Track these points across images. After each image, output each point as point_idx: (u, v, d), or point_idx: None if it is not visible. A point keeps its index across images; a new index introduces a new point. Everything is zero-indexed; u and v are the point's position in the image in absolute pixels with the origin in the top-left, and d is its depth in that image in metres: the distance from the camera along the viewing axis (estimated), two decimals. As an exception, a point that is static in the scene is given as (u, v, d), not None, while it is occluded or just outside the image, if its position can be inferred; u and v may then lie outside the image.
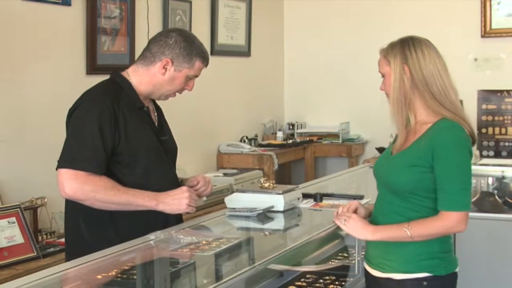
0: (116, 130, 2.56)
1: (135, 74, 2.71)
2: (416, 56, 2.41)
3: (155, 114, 2.81)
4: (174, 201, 2.57)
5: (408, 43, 2.45)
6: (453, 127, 2.37)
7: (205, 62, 2.73)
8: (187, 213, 2.57)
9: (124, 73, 2.73)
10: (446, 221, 2.32)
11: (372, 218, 2.55)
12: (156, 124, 2.78)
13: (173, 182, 2.75)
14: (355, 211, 2.57)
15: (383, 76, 2.50)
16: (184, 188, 2.65)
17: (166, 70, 2.67)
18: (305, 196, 3.17)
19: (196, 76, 2.74)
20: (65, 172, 2.51)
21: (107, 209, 2.55)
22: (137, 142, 2.62)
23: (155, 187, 2.64)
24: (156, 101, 2.88)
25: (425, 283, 2.40)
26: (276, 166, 5.74)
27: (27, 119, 3.99)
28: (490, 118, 6.27)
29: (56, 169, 2.54)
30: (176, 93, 2.78)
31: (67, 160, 2.53)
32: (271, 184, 3.00)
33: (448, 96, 2.41)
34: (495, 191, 4.16)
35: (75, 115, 2.60)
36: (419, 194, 2.39)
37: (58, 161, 2.55)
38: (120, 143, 2.57)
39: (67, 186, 2.50)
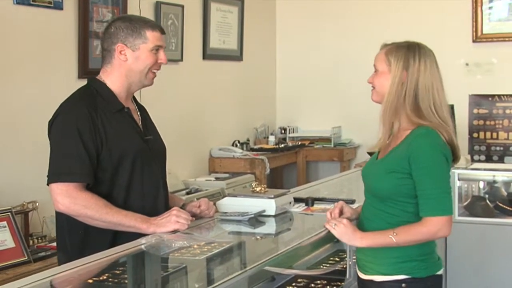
0: (97, 136, 2.56)
1: (106, 75, 2.71)
2: (418, 66, 2.40)
3: (138, 114, 2.79)
4: (162, 220, 2.57)
5: (414, 51, 2.43)
6: (428, 133, 2.38)
7: (156, 28, 2.69)
8: (177, 231, 2.56)
9: (99, 78, 2.72)
10: (430, 227, 2.34)
11: (359, 222, 2.57)
12: (140, 124, 2.76)
13: (160, 182, 2.74)
14: (341, 211, 2.60)
15: (376, 70, 2.50)
16: (173, 207, 2.66)
17: (125, 55, 2.66)
18: (297, 200, 3.17)
19: (160, 46, 2.69)
20: (55, 187, 2.52)
21: (98, 227, 2.55)
22: (119, 145, 2.60)
23: (141, 187, 2.65)
24: (140, 101, 2.87)
25: (404, 285, 2.43)
26: (267, 170, 5.74)
27: (18, 123, 3.98)
28: (481, 122, 6.29)
29: (47, 184, 2.55)
30: (155, 72, 2.72)
31: (54, 174, 2.53)
32: (263, 188, 3.00)
33: (440, 112, 2.42)
34: (486, 196, 4.18)
35: (54, 126, 2.61)
36: (399, 200, 2.41)
37: (47, 176, 2.55)
38: (102, 148, 2.57)
39: (60, 201, 2.51)
